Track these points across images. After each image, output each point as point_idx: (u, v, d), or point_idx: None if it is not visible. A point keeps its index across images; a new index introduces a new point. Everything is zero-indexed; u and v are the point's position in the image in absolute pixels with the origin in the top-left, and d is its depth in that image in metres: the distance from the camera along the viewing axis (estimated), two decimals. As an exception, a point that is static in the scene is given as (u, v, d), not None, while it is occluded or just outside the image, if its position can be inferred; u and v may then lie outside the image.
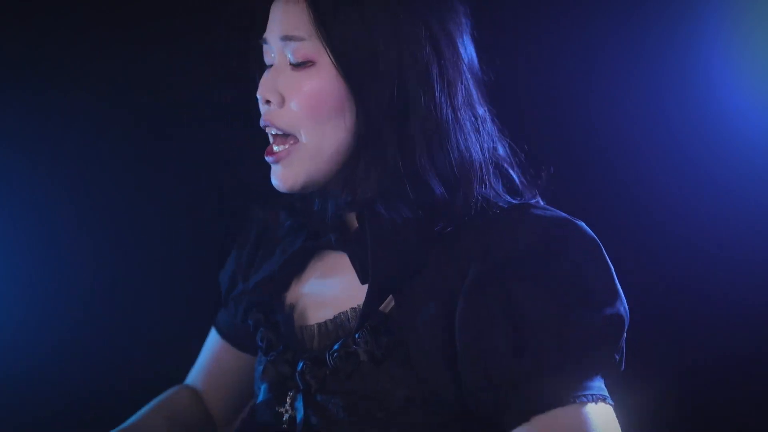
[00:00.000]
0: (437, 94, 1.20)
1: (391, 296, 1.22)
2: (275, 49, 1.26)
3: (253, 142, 1.93)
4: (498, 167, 1.27)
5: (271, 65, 1.28)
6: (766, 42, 1.74)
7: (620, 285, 1.20)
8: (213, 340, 1.57)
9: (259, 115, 1.30)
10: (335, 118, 1.21)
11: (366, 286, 1.22)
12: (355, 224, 1.28)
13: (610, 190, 1.83)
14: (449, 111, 1.21)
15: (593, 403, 1.10)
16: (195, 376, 1.58)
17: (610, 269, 1.18)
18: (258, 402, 1.36)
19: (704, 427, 1.84)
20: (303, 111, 1.22)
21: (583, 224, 1.20)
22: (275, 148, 1.27)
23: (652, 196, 1.81)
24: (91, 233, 1.93)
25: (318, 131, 1.22)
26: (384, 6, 1.20)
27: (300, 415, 1.26)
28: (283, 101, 1.24)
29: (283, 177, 1.26)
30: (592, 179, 1.84)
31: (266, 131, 1.29)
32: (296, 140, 1.25)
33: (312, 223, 1.34)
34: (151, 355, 1.95)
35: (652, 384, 1.85)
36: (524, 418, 1.11)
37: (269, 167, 1.30)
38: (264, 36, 1.27)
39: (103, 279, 1.94)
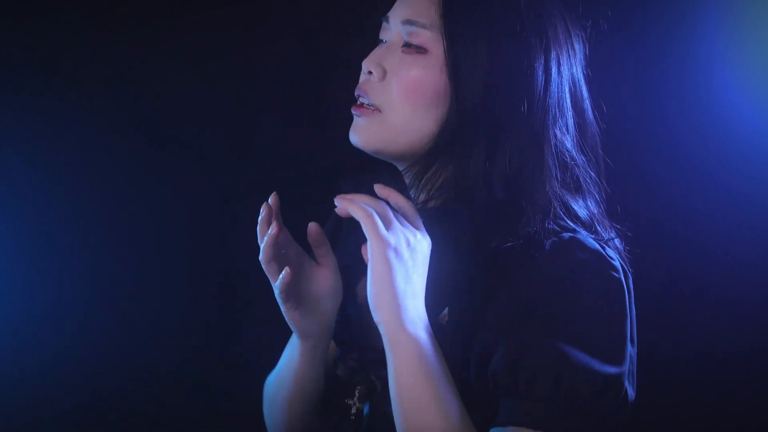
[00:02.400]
0: (534, 115, 1.23)
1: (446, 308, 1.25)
2: (393, 29, 1.29)
3: (251, 141, 1.94)
4: (568, 210, 1.27)
5: (384, 42, 1.32)
6: (766, 42, 1.75)
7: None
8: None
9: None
10: (428, 109, 1.25)
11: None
12: None
13: (610, 189, 1.83)
14: (539, 136, 1.23)
15: None
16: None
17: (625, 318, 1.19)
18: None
19: (703, 427, 1.84)
20: (401, 91, 1.25)
21: (615, 272, 1.20)
22: (361, 103, 1.30)
23: (651, 194, 1.81)
24: (91, 233, 1.93)
25: (407, 114, 1.26)
26: (510, 17, 1.23)
27: (366, 410, 1.31)
28: (384, 76, 1.27)
29: (359, 132, 1.29)
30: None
31: (357, 99, 1.31)
32: (380, 112, 1.28)
33: None
34: (152, 355, 1.95)
35: (650, 383, 1.85)
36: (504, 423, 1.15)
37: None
38: (387, 15, 1.31)
39: (103, 279, 1.95)
